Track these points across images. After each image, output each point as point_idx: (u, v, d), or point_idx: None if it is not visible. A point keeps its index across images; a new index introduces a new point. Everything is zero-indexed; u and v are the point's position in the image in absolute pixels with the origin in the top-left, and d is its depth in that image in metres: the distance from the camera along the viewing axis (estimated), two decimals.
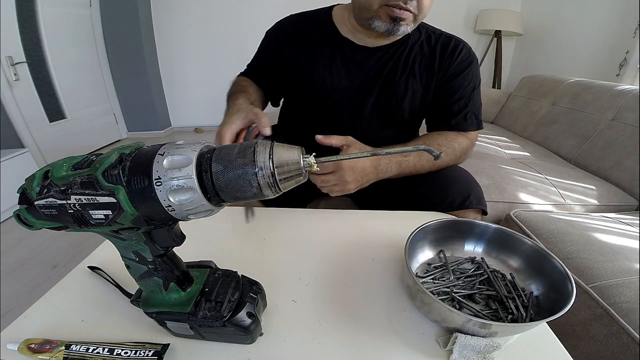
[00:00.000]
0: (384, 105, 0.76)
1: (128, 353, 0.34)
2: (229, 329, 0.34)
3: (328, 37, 0.76)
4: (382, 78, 0.75)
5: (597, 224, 0.94)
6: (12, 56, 2.18)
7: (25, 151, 2.06)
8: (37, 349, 0.35)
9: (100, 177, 0.25)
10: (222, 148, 0.27)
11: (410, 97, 0.75)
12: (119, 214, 0.26)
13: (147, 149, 0.27)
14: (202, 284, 0.37)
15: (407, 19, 0.63)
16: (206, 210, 0.27)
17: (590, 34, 2.13)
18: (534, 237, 0.90)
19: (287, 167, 0.27)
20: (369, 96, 0.76)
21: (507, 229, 0.49)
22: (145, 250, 0.32)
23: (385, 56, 0.74)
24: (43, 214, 0.27)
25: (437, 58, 0.74)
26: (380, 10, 0.63)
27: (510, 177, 1.20)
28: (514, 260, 0.47)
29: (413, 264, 0.47)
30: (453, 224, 0.50)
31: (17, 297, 1.30)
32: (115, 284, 0.45)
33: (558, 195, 1.14)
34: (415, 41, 0.75)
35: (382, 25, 0.64)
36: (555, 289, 0.40)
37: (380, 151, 0.33)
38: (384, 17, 0.64)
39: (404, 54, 0.74)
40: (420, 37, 0.75)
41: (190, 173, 0.25)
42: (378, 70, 0.75)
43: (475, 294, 0.43)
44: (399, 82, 0.74)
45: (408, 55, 0.74)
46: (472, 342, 0.35)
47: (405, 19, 0.63)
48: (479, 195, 0.69)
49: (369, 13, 0.65)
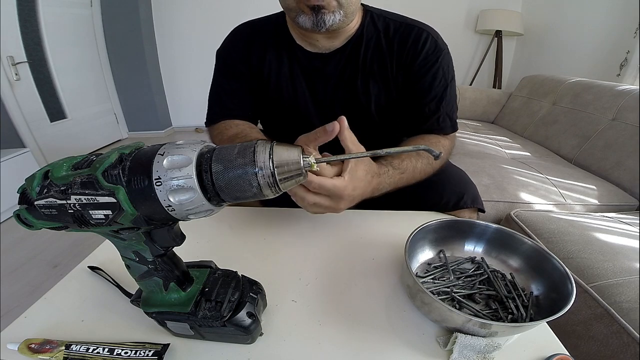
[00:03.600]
0: (352, 111, 0.71)
1: (128, 353, 0.34)
2: (229, 329, 0.34)
3: (285, 47, 0.70)
4: (343, 85, 0.70)
5: (597, 224, 0.94)
6: (13, 56, 2.18)
7: (26, 151, 2.07)
8: (37, 349, 0.35)
9: (100, 177, 0.25)
10: (222, 148, 0.27)
11: (374, 100, 0.70)
12: (119, 214, 0.26)
13: (147, 148, 0.27)
14: (202, 284, 0.37)
15: (328, 6, 0.57)
16: (206, 210, 0.27)
17: (590, 34, 2.12)
18: (534, 237, 0.90)
19: (287, 167, 0.27)
20: (335, 105, 0.72)
21: (507, 228, 0.49)
22: (145, 250, 0.32)
23: (342, 61, 0.69)
24: (43, 214, 0.27)
25: (395, 53, 0.67)
26: (300, 4, 0.57)
27: (511, 177, 1.20)
28: (514, 260, 0.47)
29: (413, 264, 0.47)
30: (453, 224, 0.50)
31: (17, 297, 1.30)
32: (116, 284, 0.45)
33: (558, 195, 1.14)
34: (371, 36, 0.68)
35: (306, 19, 0.58)
36: (555, 288, 0.40)
37: (380, 151, 0.33)
38: (305, 9, 0.58)
39: (361, 54, 0.68)
40: (376, 31, 0.68)
41: (190, 173, 0.25)
42: (337, 77, 0.70)
43: (475, 293, 0.43)
44: (360, 87, 0.69)
45: (365, 55, 0.68)
46: (472, 342, 0.35)
47: (327, 7, 0.57)
48: (473, 194, 0.68)
49: (292, 12, 0.60)
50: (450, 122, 0.70)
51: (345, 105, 0.71)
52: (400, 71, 0.68)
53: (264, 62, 0.71)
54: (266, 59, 0.71)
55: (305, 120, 0.73)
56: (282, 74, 0.71)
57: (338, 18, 0.59)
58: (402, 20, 0.69)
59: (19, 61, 2.22)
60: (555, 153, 1.57)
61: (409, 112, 0.71)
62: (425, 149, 0.35)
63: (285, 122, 0.77)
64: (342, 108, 0.71)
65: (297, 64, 0.70)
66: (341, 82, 0.70)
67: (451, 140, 0.72)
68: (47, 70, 2.51)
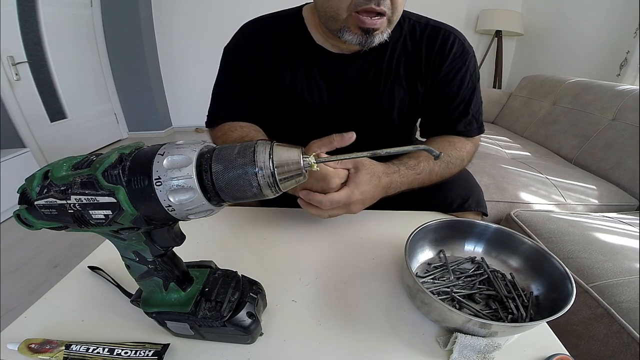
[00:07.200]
0: (371, 116, 0.70)
1: (128, 353, 0.34)
2: (229, 329, 0.34)
3: (302, 46, 0.66)
4: (364, 89, 0.67)
5: (597, 224, 0.94)
6: (13, 56, 2.18)
7: (26, 151, 2.07)
8: (37, 349, 0.35)
9: (100, 177, 0.25)
10: (222, 148, 0.27)
11: (398, 105, 0.68)
12: (119, 214, 0.26)
13: (147, 148, 0.27)
14: (202, 284, 0.37)
15: (380, 27, 0.55)
16: (206, 210, 0.27)
17: (590, 34, 2.12)
18: (534, 237, 0.90)
19: (287, 167, 0.27)
20: (353, 109, 0.69)
21: (507, 228, 0.49)
22: (145, 250, 0.32)
23: (366, 63, 0.66)
24: (43, 214, 0.27)
25: (424, 57, 0.65)
26: (349, 20, 0.54)
27: (511, 177, 1.20)
28: (514, 260, 0.47)
29: (413, 264, 0.47)
30: (453, 224, 0.50)
31: (17, 297, 1.30)
32: (116, 284, 0.45)
33: (559, 195, 1.14)
34: (397, 39, 0.65)
35: (354, 37, 0.56)
36: (555, 288, 0.40)
37: (380, 151, 0.33)
38: (354, 28, 0.55)
39: (386, 57, 0.65)
40: (402, 33, 0.65)
41: (190, 173, 0.25)
42: (359, 80, 0.67)
43: (475, 293, 0.43)
44: (383, 92, 0.67)
45: (391, 58, 0.65)
46: (472, 342, 0.35)
47: (379, 28, 0.55)
48: (478, 197, 0.67)
49: (336, 24, 0.56)
50: (477, 124, 0.69)
51: (366, 109, 0.69)
52: (429, 75, 0.66)
53: (277, 63, 0.67)
54: (279, 59, 0.67)
55: (319, 124, 0.69)
56: (298, 76, 0.67)
57: (385, 36, 0.58)
58: (426, 22, 0.67)
59: (19, 61, 2.22)
60: (556, 153, 1.57)
61: (435, 115, 0.70)
62: (425, 149, 0.35)
63: (296, 125, 0.73)
64: (362, 112, 0.69)
65: (315, 65, 0.67)
66: (363, 86, 0.67)
67: (475, 143, 0.71)
68: (47, 70, 2.51)
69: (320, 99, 0.69)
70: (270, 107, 0.72)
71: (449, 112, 0.68)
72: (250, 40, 0.68)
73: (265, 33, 0.68)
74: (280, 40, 0.67)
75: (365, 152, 0.33)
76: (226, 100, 0.71)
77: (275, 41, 0.67)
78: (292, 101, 0.69)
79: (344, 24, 0.55)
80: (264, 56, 0.67)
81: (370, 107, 0.69)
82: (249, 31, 0.69)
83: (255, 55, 0.67)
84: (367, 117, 0.70)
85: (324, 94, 0.68)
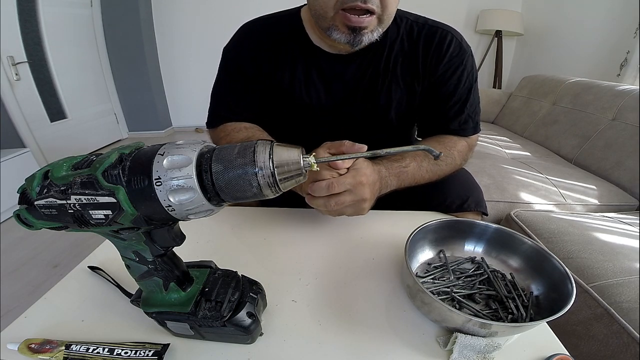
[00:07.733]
0: (370, 116, 0.70)
1: (128, 353, 0.34)
2: (229, 329, 0.34)
3: (301, 47, 0.67)
4: (362, 89, 0.67)
5: (597, 224, 0.94)
6: (13, 56, 2.18)
7: (26, 151, 2.07)
8: (37, 349, 0.35)
9: (100, 177, 0.25)
10: (222, 148, 0.27)
11: (395, 105, 0.69)
12: (119, 214, 0.26)
13: (147, 148, 0.27)
14: (202, 284, 0.37)
15: (369, 25, 0.54)
16: (206, 210, 0.27)
17: (591, 34, 2.12)
18: (534, 237, 0.90)
19: (287, 167, 0.27)
20: (352, 109, 0.69)
21: (507, 228, 0.48)
22: (145, 250, 0.32)
23: (364, 64, 0.66)
24: (43, 214, 0.27)
25: (421, 56, 0.65)
26: (336, 18, 0.54)
27: (511, 177, 1.20)
28: (514, 260, 0.47)
29: (413, 264, 0.47)
30: (453, 224, 0.50)
31: (17, 297, 1.30)
32: (116, 284, 0.45)
33: (559, 195, 1.14)
34: (395, 38, 0.65)
35: (342, 36, 0.56)
36: (555, 288, 0.40)
37: (380, 151, 0.33)
38: (342, 26, 0.55)
39: (383, 57, 0.65)
40: (399, 33, 0.65)
41: (190, 173, 0.25)
42: (357, 80, 0.67)
43: (475, 293, 0.43)
44: (381, 92, 0.67)
45: (388, 58, 0.65)
46: (472, 342, 0.35)
47: (367, 26, 0.54)
48: (478, 198, 0.67)
49: (325, 22, 0.56)
50: (473, 124, 0.69)
51: (364, 109, 0.69)
52: (426, 74, 0.66)
53: (276, 63, 0.67)
54: (279, 59, 0.67)
55: (318, 124, 0.71)
56: (296, 76, 0.68)
57: (376, 36, 0.57)
58: (423, 22, 0.67)
59: (19, 61, 2.22)
60: (556, 153, 1.57)
61: (431, 114, 0.70)
62: (426, 149, 0.35)
63: (296, 125, 0.74)
64: (361, 112, 0.70)
65: (314, 65, 0.67)
66: (361, 86, 0.68)
67: (470, 142, 0.71)
68: (47, 70, 2.51)
69: (319, 99, 0.69)
70: (270, 107, 0.73)
71: (444, 111, 0.68)
72: (250, 41, 0.68)
73: (265, 33, 0.68)
74: (279, 41, 0.67)
75: (365, 152, 0.33)
76: (227, 99, 0.71)
77: (274, 41, 0.67)
78: (291, 101, 0.70)
79: (332, 22, 0.55)
80: (263, 56, 0.67)
81: (369, 107, 0.69)
82: (249, 31, 0.70)
83: (255, 55, 0.68)
84: (365, 117, 0.71)
85: (322, 94, 0.69)
